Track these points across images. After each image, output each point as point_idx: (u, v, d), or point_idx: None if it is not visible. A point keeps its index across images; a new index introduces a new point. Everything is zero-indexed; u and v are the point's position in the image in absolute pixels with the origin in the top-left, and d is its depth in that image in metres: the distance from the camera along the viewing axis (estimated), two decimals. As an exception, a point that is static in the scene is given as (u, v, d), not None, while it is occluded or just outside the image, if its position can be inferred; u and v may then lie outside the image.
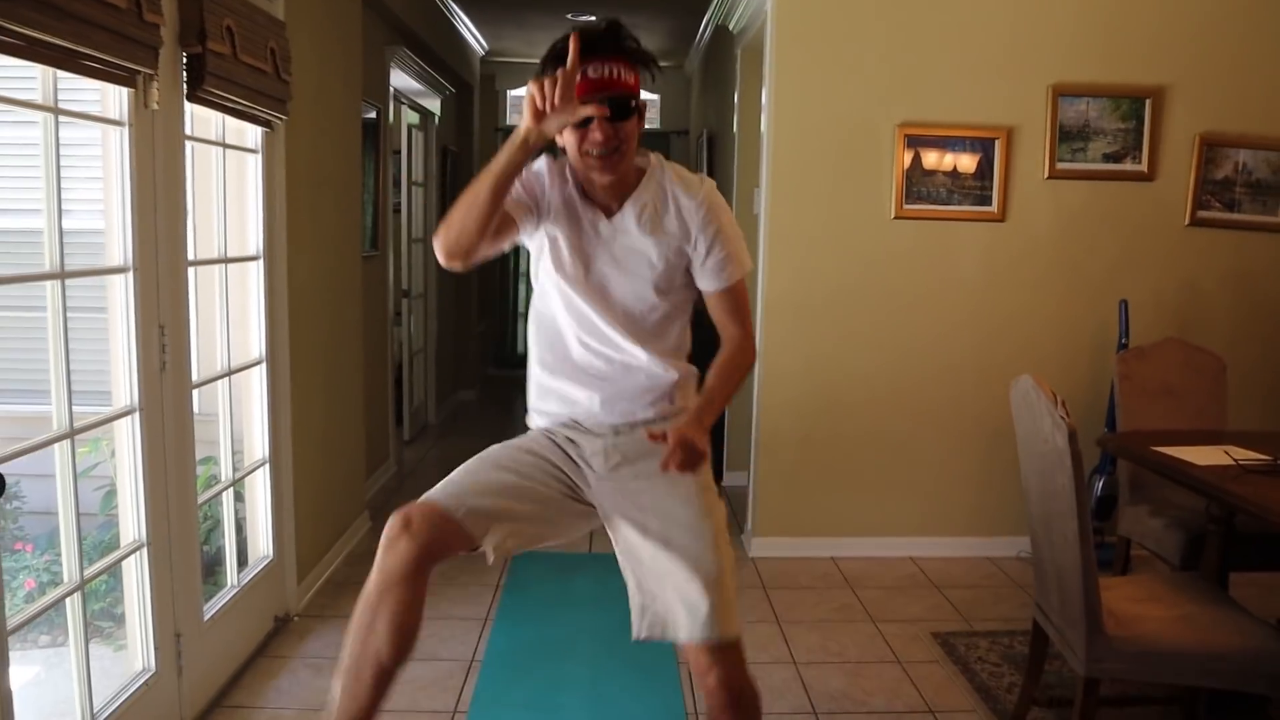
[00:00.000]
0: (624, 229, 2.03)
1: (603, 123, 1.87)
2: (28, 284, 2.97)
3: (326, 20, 4.03)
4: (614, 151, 1.91)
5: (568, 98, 1.77)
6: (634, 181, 2.04)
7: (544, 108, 1.76)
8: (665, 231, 2.03)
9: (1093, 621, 2.39)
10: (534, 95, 1.77)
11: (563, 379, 2.11)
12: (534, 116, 1.79)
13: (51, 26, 1.93)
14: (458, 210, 1.87)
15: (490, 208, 1.84)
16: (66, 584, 2.34)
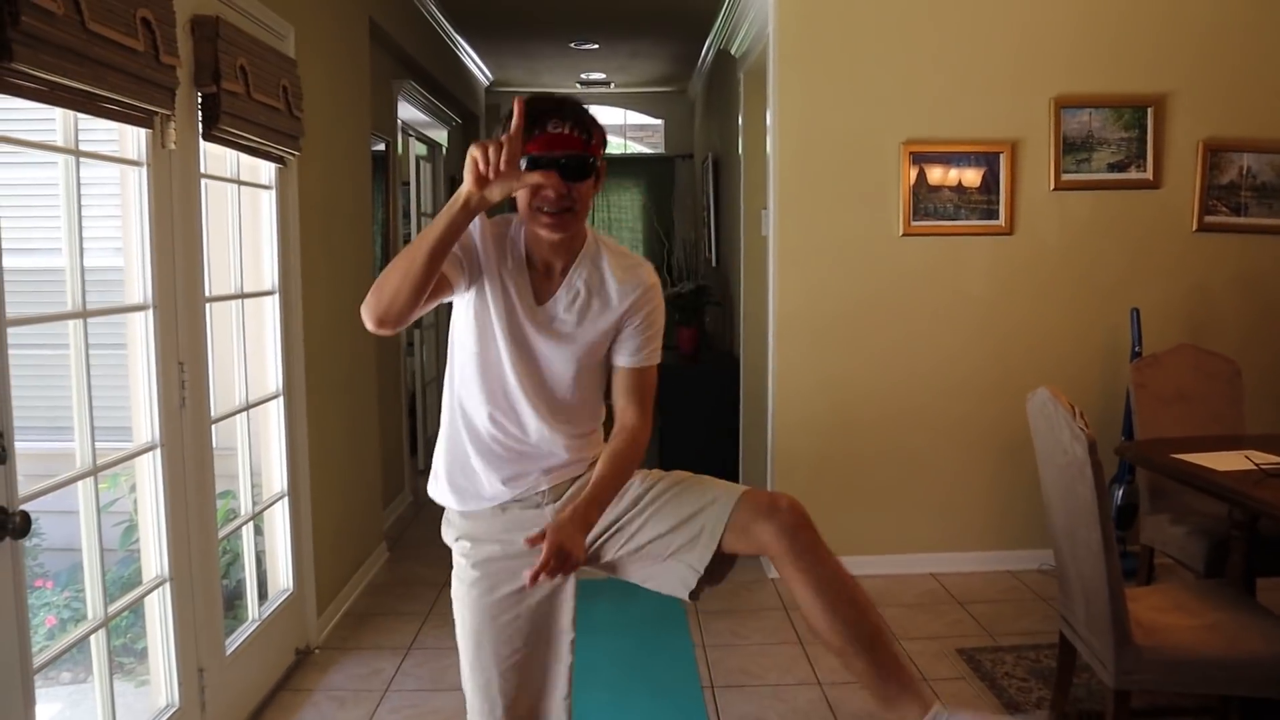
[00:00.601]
0: (553, 314, 1.96)
1: (557, 179, 1.80)
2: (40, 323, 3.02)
3: (336, 56, 4.09)
4: (565, 210, 1.85)
5: (512, 163, 1.66)
6: (575, 252, 1.97)
7: (487, 173, 1.64)
8: (596, 315, 1.97)
9: (1120, 632, 2.38)
10: (475, 158, 1.65)
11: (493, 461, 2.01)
12: (475, 181, 1.65)
13: (72, 71, 1.97)
14: (391, 276, 1.74)
15: (427, 273, 1.72)
16: (90, 620, 2.35)
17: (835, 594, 1.89)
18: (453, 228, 1.70)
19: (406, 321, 1.81)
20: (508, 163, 1.64)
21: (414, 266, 1.71)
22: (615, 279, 1.98)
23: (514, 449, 2.00)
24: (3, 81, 1.83)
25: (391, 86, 5.54)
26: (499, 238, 1.94)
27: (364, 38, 4.57)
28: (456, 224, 1.69)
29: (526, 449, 2.00)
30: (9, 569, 1.92)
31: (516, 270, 1.94)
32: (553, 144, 1.80)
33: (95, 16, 2.02)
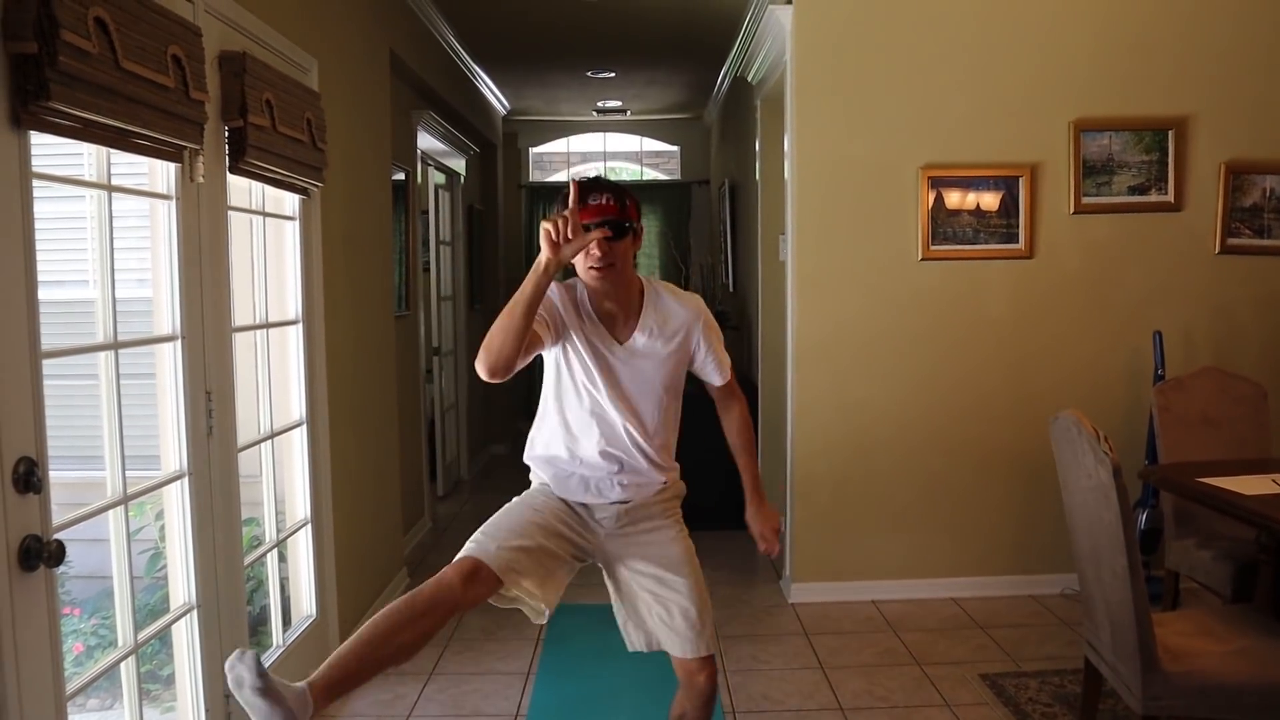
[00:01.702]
0: (635, 349, 2.44)
1: (601, 241, 2.28)
2: (73, 355, 3.06)
3: (358, 88, 4.14)
4: (609, 265, 2.33)
5: (576, 230, 2.15)
6: (638, 302, 2.47)
7: (558, 239, 2.14)
8: (669, 344, 2.47)
9: (1147, 658, 2.37)
10: (549, 230, 2.14)
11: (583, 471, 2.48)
12: (551, 248, 2.14)
13: (106, 108, 2.01)
14: (495, 335, 2.22)
15: (523, 328, 2.19)
16: (121, 648, 2.37)
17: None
18: (538, 288, 2.18)
19: (513, 370, 2.26)
20: (572, 229, 2.14)
21: (513, 323, 2.18)
22: (676, 313, 2.49)
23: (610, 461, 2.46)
24: (40, 120, 1.87)
25: (411, 117, 5.61)
26: (572, 298, 2.43)
27: (385, 69, 4.64)
28: (540, 285, 2.18)
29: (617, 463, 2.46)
30: (44, 597, 1.94)
31: (592, 323, 2.43)
32: (595, 213, 2.29)
33: (128, 55, 2.06)
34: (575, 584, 4.82)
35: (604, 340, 2.43)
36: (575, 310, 2.42)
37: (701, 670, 2.51)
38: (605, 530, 2.50)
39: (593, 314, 2.43)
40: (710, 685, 2.53)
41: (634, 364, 2.44)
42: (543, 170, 9.93)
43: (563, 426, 2.48)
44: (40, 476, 1.90)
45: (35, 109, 1.84)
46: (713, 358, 2.55)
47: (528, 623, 4.22)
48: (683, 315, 2.49)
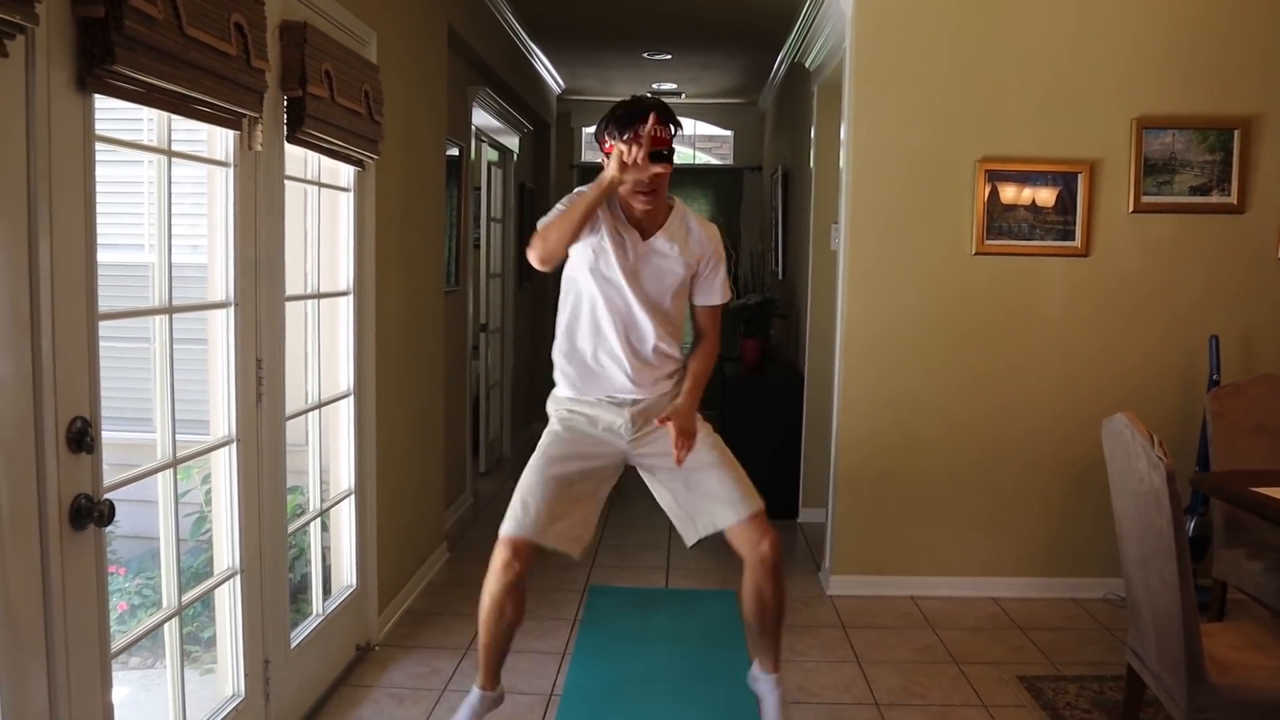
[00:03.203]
0: (656, 249, 2.77)
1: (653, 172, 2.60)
2: (129, 318, 3.10)
3: (415, 63, 4.16)
4: (654, 191, 2.67)
5: (645, 161, 2.54)
6: (664, 215, 2.80)
7: (629, 162, 2.53)
8: (687, 252, 2.80)
9: (1194, 668, 2.32)
10: (622, 153, 2.54)
11: (604, 362, 2.80)
12: (619, 169, 2.54)
13: (169, 74, 2.03)
14: (554, 230, 2.63)
15: (579, 228, 2.63)
16: (165, 609, 2.41)
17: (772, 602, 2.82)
18: (598, 199, 2.59)
19: (557, 261, 2.71)
20: (643, 159, 2.52)
21: (570, 224, 2.61)
22: (695, 230, 2.84)
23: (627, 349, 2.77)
24: (104, 83, 1.89)
25: (467, 93, 5.62)
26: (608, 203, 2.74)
27: (443, 44, 4.65)
28: (600, 197, 2.59)
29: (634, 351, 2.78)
30: (93, 556, 1.98)
31: (622, 225, 2.76)
32: (654, 142, 2.57)
33: (193, 21, 2.08)
34: (613, 567, 4.83)
35: (630, 236, 2.75)
36: (608, 210, 2.74)
37: (763, 536, 2.72)
38: (627, 438, 2.80)
39: (623, 216, 2.76)
40: (775, 552, 2.73)
41: (653, 261, 2.76)
42: (594, 150, 9.91)
43: (588, 320, 2.79)
44: (93, 437, 1.93)
45: (100, 72, 1.86)
46: (715, 281, 2.86)
47: (565, 602, 4.27)
48: (700, 234, 2.83)
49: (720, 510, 2.75)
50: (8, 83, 1.70)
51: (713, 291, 2.89)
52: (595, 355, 2.81)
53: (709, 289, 2.89)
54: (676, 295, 2.83)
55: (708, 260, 2.84)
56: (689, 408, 2.79)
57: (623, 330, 2.77)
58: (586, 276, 2.78)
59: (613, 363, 2.79)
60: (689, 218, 2.85)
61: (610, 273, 2.75)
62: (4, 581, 1.73)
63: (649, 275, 2.77)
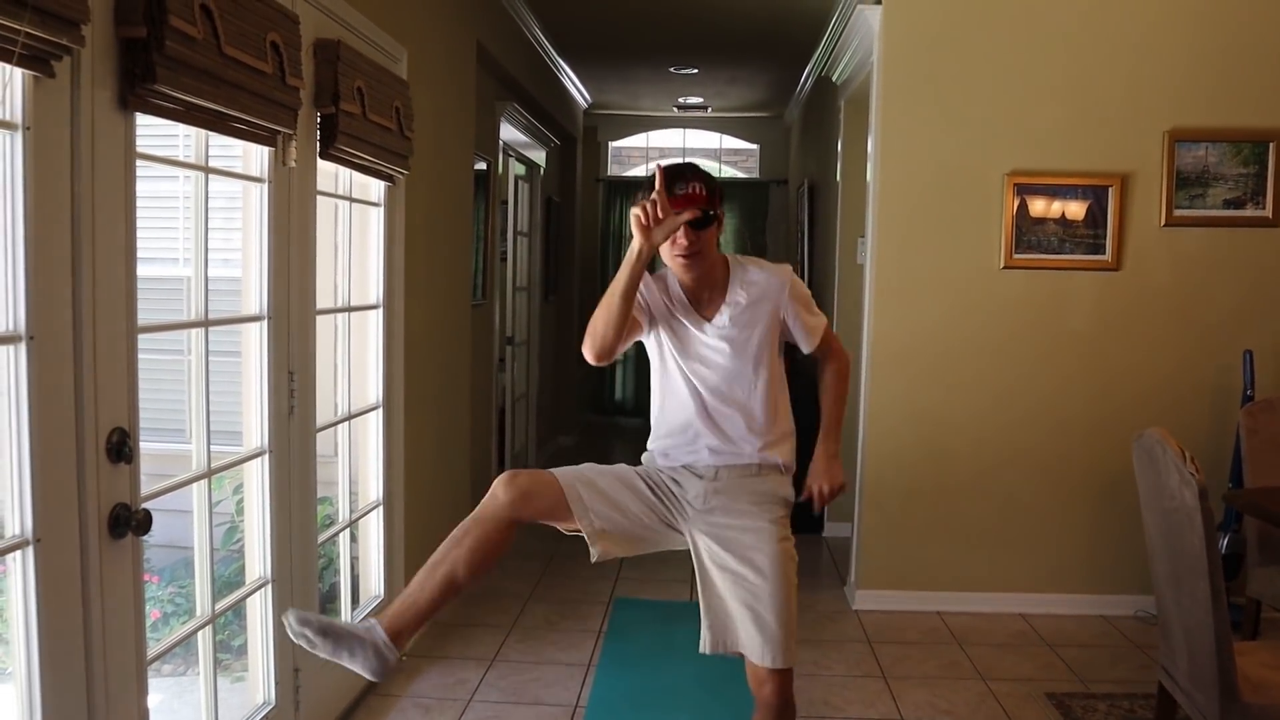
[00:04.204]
0: (721, 326, 2.45)
1: (687, 230, 2.31)
2: (167, 330, 3.15)
3: (445, 79, 4.20)
4: (696, 254, 2.37)
5: (666, 212, 2.22)
6: (724, 279, 2.48)
7: (649, 223, 2.20)
8: (755, 315, 2.46)
9: (1227, 688, 2.30)
10: (639, 215, 2.21)
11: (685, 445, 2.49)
12: (642, 233, 2.22)
13: (208, 92, 2.07)
14: (598, 322, 2.33)
15: (624, 314, 2.30)
16: (199, 617, 2.44)
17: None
18: (634, 276, 2.26)
19: (617, 353, 2.39)
20: (662, 211, 2.21)
21: (612, 312, 2.30)
22: (759, 282, 2.48)
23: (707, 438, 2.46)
24: (146, 102, 1.94)
25: (495, 108, 5.67)
26: (662, 287, 2.49)
27: (471, 61, 4.70)
28: (636, 271, 2.26)
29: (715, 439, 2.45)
30: (129, 564, 2.01)
31: (682, 308, 2.47)
32: (685, 202, 2.28)
33: (230, 40, 2.12)
34: (637, 580, 4.82)
35: (693, 321, 2.46)
36: (665, 296, 2.48)
37: (769, 680, 2.35)
38: (694, 508, 2.43)
39: (682, 297, 2.47)
40: (778, 699, 2.36)
41: (723, 341, 2.44)
42: (621, 165, 9.96)
43: (667, 409, 2.52)
44: (131, 447, 1.97)
45: (142, 91, 1.91)
46: (800, 325, 2.52)
47: (590, 615, 4.27)
48: (765, 283, 2.48)
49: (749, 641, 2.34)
50: (54, 102, 1.74)
51: (809, 330, 2.54)
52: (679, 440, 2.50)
53: (802, 331, 2.53)
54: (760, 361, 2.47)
55: (785, 307, 2.48)
56: (827, 456, 2.53)
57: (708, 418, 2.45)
58: (658, 368, 2.54)
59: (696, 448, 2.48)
60: (749, 271, 2.50)
61: (678, 363, 2.47)
62: (45, 588, 1.77)
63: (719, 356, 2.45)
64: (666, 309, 2.48)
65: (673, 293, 2.48)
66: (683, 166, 2.38)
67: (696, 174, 2.36)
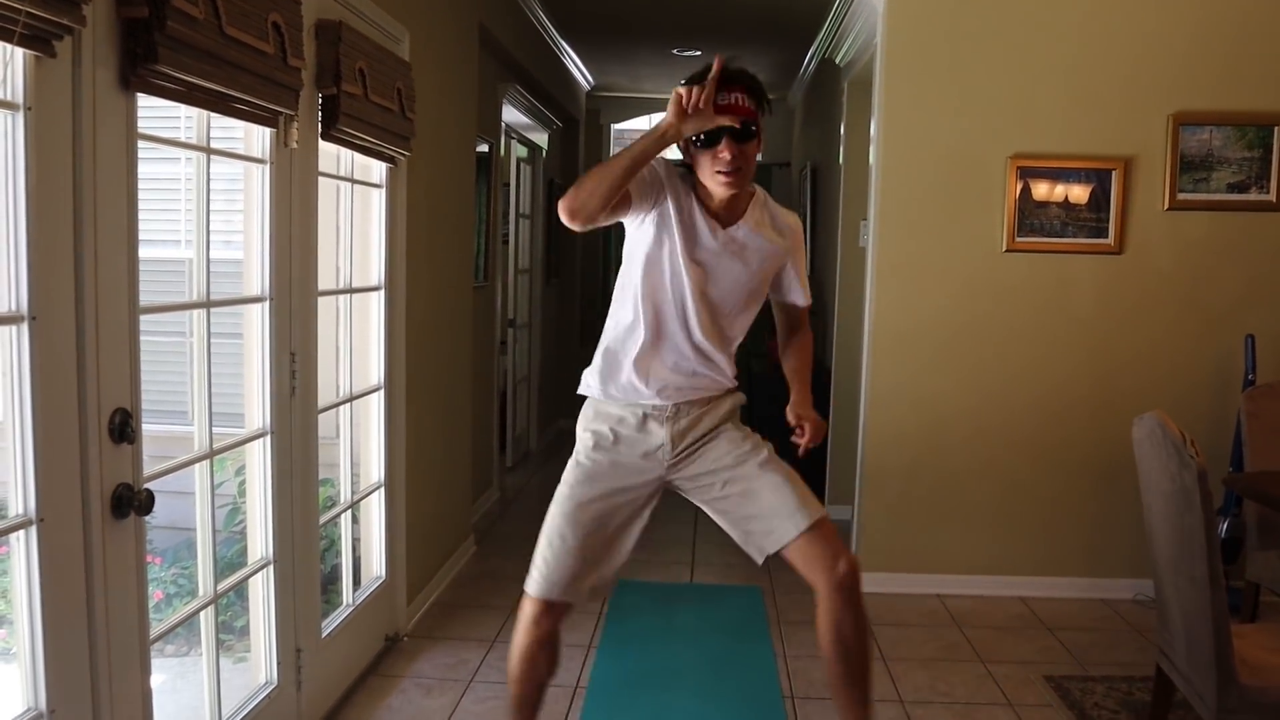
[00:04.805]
0: (736, 237, 2.34)
1: (730, 143, 2.16)
2: (168, 311, 3.15)
3: (447, 60, 4.19)
4: (738, 170, 2.20)
5: (708, 104, 2.07)
6: (745, 205, 2.37)
7: (688, 109, 2.06)
8: (771, 244, 2.39)
9: (1224, 670, 2.31)
10: (680, 95, 2.07)
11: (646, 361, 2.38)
12: (677, 115, 2.07)
13: (210, 73, 2.06)
14: (590, 180, 2.13)
15: (620, 183, 2.12)
16: (201, 597, 2.46)
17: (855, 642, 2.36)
18: (647, 153, 2.10)
19: (592, 221, 2.18)
20: (706, 102, 2.05)
21: (610, 175, 2.11)
22: (780, 218, 2.44)
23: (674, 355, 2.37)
24: (147, 83, 1.93)
25: (497, 89, 5.65)
26: (682, 179, 2.32)
27: (474, 42, 4.68)
28: (651, 150, 2.10)
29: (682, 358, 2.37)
30: (132, 544, 2.02)
31: (696, 206, 2.31)
32: (724, 111, 2.13)
33: (232, 21, 2.11)
34: (639, 561, 4.84)
35: (706, 222, 2.31)
36: (681, 189, 2.31)
37: (838, 555, 2.29)
38: (665, 462, 2.40)
39: (698, 199, 2.33)
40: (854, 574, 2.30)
41: (729, 256, 2.33)
42: (623, 147, 9.93)
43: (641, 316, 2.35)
44: (134, 428, 1.98)
45: (143, 72, 1.90)
46: (797, 275, 2.50)
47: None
48: (786, 223, 2.44)
49: (779, 525, 2.31)
50: (55, 82, 1.74)
51: (798, 288, 2.53)
52: (641, 355, 2.37)
53: (794, 286, 2.52)
54: (751, 296, 2.42)
55: (793, 252, 2.47)
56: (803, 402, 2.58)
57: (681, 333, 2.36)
58: (644, 265, 2.35)
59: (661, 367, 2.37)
60: (770, 204, 2.45)
61: (674, 263, 2.31)
62: (48, 568, 1.77)
63: (722, 271, 2.34)
64: (680, 200, 2.30)
65: (689, 191, 2.33)
66: (736, 72, 2.21)
67: (746, 83, 2.20)
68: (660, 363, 2.37)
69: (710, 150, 2.20)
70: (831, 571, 2.29)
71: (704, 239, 2.31)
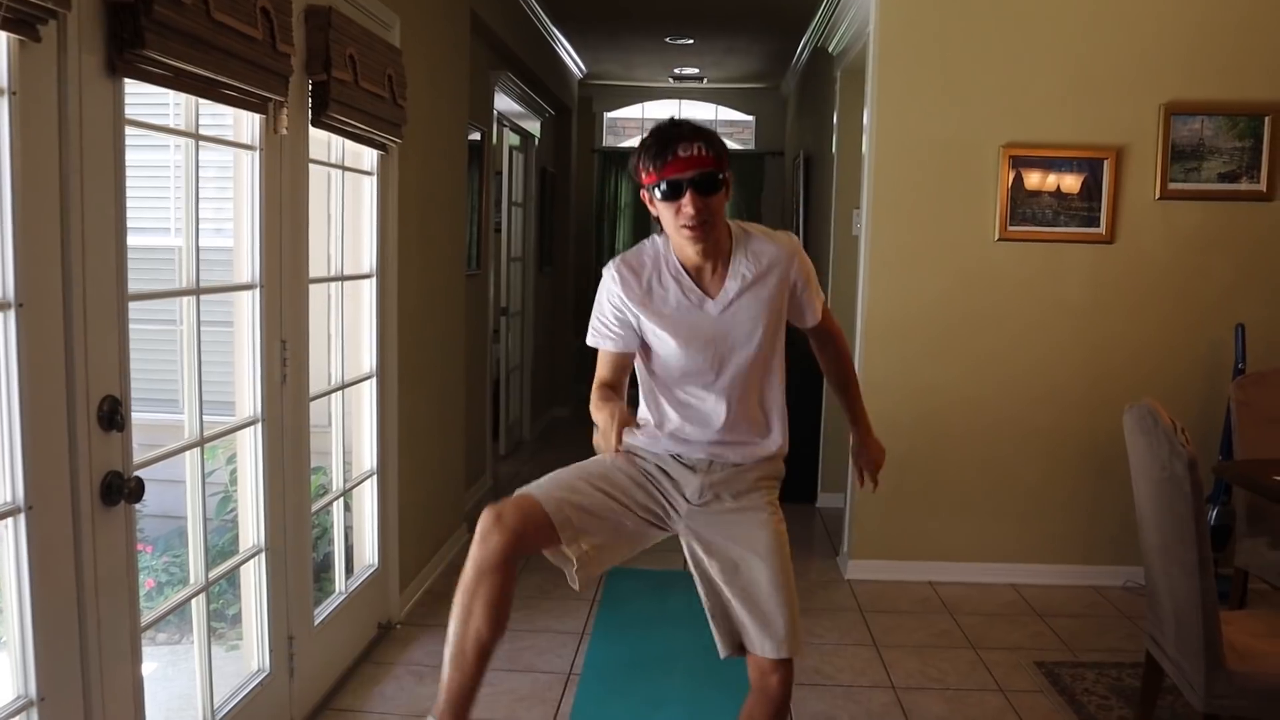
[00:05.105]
0: (728, 300, 2.21)
1: (694, 196, 2.06)
2: (158, 299, 3.14)
3: (438, 47, 4.17)
4: (704, 223, 2.10)
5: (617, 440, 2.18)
6: (728, 249, 2.23)
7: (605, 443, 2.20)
8: (765, 286, 2.22)
9: (1212, 656, 2.32)
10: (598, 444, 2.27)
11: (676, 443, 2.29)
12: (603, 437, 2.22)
13: (197, 58, 2.05)
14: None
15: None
16: (193, 585, 2.45)
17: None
18: None
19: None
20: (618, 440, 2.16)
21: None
22: (767, 251, 2.24)
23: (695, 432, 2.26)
24: (134, 68, 1.92)
25: (489, 77, 5.63)
26: (639, 269, 2.23)
27: (465, 29, 4.66)
28: None
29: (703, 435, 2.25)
30: (122, 531, 2.02)
31: (676, 280, 2.21)
32: (685, 166, 2.06)
33: (220, 6, 2.10)
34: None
35: (695, 297, 2.20)
36: (655, 280, 2.21)
37: (776, 670, 2.20)
38: (690, 503, 2.27)
39: (680, 269, 2.20)
40: (782, 690, 2.21)
41: (730, 318, 2.20)
42: (616, 135, 9.92)
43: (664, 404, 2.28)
44: (123, 415, 1.97)
45: (130, 56, 1.89)
46: (806, 299, 2.32)
47: (583, 584, 4.29)
48: (774, 252, 2.24)
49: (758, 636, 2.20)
50: (40, 67, 1.73)
51: (813, 307, 2.36)
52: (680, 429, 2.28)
53: (808, 307, 2.35)
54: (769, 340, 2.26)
55: (794, 280, 2.27)
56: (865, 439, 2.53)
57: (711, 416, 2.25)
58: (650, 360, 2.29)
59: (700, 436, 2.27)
60: (753, 239, 2.26)
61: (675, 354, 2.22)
62: (38, 555, 1.77)
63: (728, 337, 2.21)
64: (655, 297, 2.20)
65: (666, 269, 2.21)
66: (682, 127, 2.12)
67: (698, 133, 2.10)
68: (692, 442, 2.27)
69: (674, 203, 2.09)
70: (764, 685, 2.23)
71: (699, 313, 2.20)
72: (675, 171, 2.06)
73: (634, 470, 2.29)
